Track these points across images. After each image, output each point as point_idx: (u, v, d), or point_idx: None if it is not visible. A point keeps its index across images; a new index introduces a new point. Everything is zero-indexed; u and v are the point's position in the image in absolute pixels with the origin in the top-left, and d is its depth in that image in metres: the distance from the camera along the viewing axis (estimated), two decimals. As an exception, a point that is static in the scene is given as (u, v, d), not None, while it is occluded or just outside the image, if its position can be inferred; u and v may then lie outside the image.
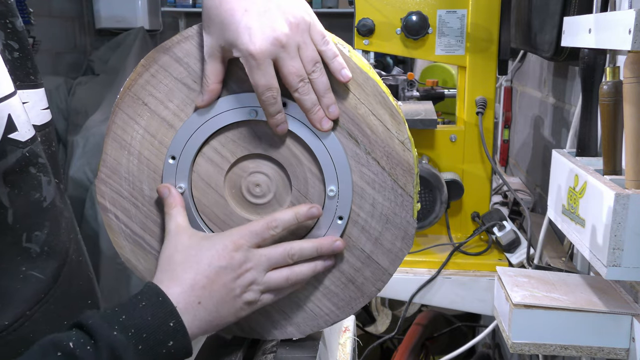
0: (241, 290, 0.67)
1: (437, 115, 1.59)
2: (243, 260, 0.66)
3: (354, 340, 0.93)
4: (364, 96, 0.69)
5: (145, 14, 4.47)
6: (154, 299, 0.62)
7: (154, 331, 0.60)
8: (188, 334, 0.62)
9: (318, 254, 0.71)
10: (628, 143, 0.79)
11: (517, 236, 1.37)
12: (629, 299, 0.92)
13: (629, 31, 0.73)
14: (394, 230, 0.72)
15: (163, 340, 0.60)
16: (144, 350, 0.59)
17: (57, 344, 0.56)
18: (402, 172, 0.71)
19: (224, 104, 0.70)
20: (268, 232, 0.68)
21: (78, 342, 0.56)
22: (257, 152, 0.71)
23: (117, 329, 0.58)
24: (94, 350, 0.56)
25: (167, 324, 0.61)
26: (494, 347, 1.93)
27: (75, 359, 0.55)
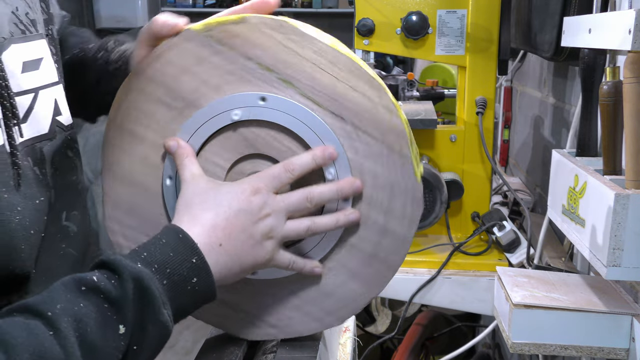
0: (261, 236, 0.65)
1: (437, 115, 1.59)
2: (261, 205, 0.65)
3: (354, 340, 0.93)
4: (338, 72, 0.68)
5: (145, 14, 4.47)
6: (174, 237, 0.60)
7: (177, 267, 0.58)
8: (211, 271, 0.61)
9: (338, 196, 0.68)
10: (628, 143, 0.79)
11: (517, 236, 1.37)
12: (629, 299, 0.92)
13: (629, 31, 0.73)
14: (401, 196, 0.71)
15: (187, 277, 0.59)
16: (169, 286, 0.57)
17: (80, 280, 0.54)
18: (395, 137, 0.70)
19: (202, 115, 0.69)
20: (286, 175, 0.66)
21: (101, 277, 0.54)
22: (250, 153, 0.71)
23: (139, 263, 0.56)
24: (119, 283, 0.54)
25: (189, 260, 0.59)
26: (494, 347, 1.93)
27: (100, 291, 0.53)
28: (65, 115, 0.72)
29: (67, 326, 0.50)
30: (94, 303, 0.53)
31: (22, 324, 0.49)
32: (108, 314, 0.53)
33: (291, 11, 4.47)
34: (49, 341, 0.49)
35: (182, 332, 2.93)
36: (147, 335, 0.55)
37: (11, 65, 0.63)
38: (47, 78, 0.70)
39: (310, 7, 4.52)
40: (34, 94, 0.67)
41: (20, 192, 0.60)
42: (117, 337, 0.53)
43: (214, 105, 0.69)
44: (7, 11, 0.66)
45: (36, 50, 0.68)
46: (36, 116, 0.67)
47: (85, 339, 0.51)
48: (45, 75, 0.69)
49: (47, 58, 0.70)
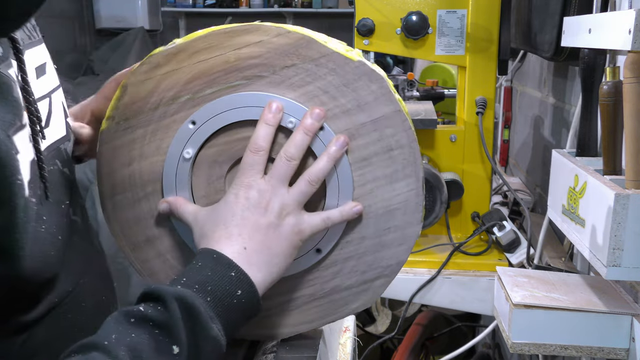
0: (276, 218, 0.65)
1: (437, 115, 1.59)
2: (259, 194, 0.65)
3: (354, 340, 0.93)
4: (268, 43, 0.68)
5: (145, 14, 4.47)
6: (209, 257, 0.61)
7: (218, 282, 0.59)
8: (253, 282, 0.61)
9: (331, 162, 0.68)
10: (628, 143, 0.79)
11: (517, 236, 1.37)
12: (629, 299, 0.92)
13: (629, 31, 0.73)
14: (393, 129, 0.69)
15: (230, 291, 0.59)
16: (214, 302, 0.58)
17: (128, 313, 0.55)
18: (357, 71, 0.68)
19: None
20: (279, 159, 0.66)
21: (147, 307, 0.56)
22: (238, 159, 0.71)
23: (180, 287, 0.58)
24: (164, 307, 0.55)
25: (227, 274, 0.60)
26: (494, 347, 1.93)
27: (149, 319, 0.55)
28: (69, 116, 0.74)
29: (124, 354, 0.51)
30: (145, 331, 0.54)
31: (83, 357, 0.51)
32: (160, 338, 0.54)
33: (291, 11, 4.47)
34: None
35: (182, 332, 2.93)
36: (201, 351, 0.56)
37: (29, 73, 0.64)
38: (53, 82, 0.71)
39: (310, 7, 4.51)
40: (49, 99, 0.68)
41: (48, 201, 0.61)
42: (173, 357, 0.54)
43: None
44: None
45: (41, 55, 0.69)
46: (55, 119, 0.68)
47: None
48: (51, 79, 0.70)
49: (49, 62, 0.71)
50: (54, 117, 0.68)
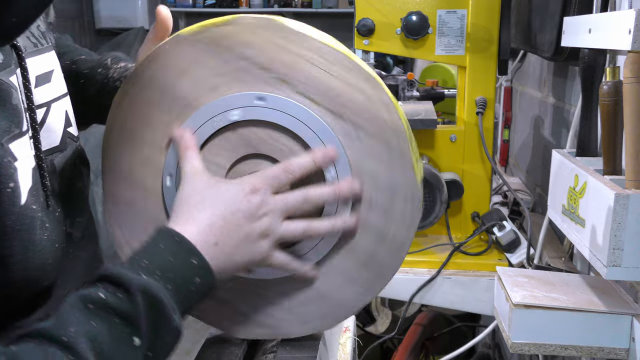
0: (257, 235, 0.65)
1: (437, 115, 1.59)
2: (259, 204, 0.65)
3: (354, 340, 0.93)
4: (334, 69, 0.68)
5: (145, 14, 4.47)
6: (170, 240, 0.60)
7: (179, 270, 0.59)
8: (212, 270, 0.61)
9: (337, 198, 0.68)
10: (628, 143, 0.79)
11: (517, 236, 1.37)
12: (629, 299, 0.92)
13: (629, 31, 0.73)
14: (401, 199, 0.70)
15: (189, 278, 0.59)
16: (174, 290, 0.58)
17: (86, 297, 0.54)
18: (392, 133, 0.69)
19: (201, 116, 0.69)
20: (285, 176, 0.66)
21: (107, 293, 0.54)
22: (249, 153, 0.71)
23: (142, 273, 0.56)
24: (127, 296, 0.54)
25: (189, 261, 0.60)
26: (494, 347, 1.93)
27: (110, 308, 0.53)
28: (74, 126, 0.73)
29: (84, 347, 0.50)
30: (105, 320, 0.53)
31: (40, 351, 0.49)
32: (121, 328, 0.53)
33: (291, 11, 4.47)
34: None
35: (182, 332, 2.93)
36: (162, 342, 0.56)
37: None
38: (58, 90, 0.70)
39: (310, 7, 4.51)
40: (47, 107, 0.67)
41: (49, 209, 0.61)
42: (133, 349, 0.53)
43: (211, 106, 0.69)
44: None
45: (47, 63, 0.69)
46: (48, 129, 0.67)
47: (102, 357, 0.51)
48: (56, 88, 0.70)
49: (57, 70, 0.71)
50: (47, 127, 0.67)
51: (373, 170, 0.70)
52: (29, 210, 0.57)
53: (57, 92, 0.70)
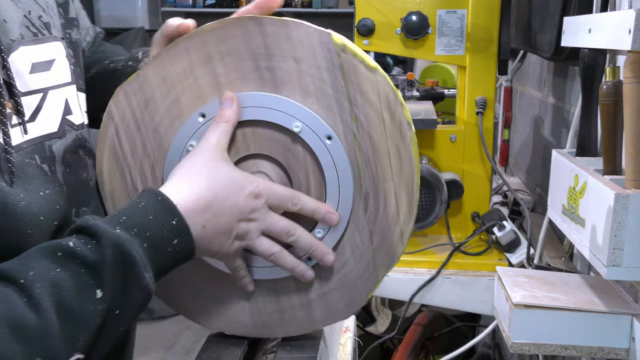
0: (235, 235, 0.66)
1: (437, 115, 1.59)
2: (252, 210, 0.66)
3: (355, 340, 0.93)
4: (398, 174, 0.69)
5: (145, 14, 4.47)
6: (153, 199, 0.60)
7: (157, 229, 0.58)
8: (191, 232, 0.61)
9: (309, 252, 0.70)
10: (628, 143, 0.79)
11: (517, 236, 1.37)
12: (629, 299, 0.92)
13: (629, 31, 0.73)
14: (346, 295, 0.74)
15: (167, 239, 0.59)
16: (150, 249, 0.57)
17: (56, 246, 0.54)
18: (385, 256, 0.72)
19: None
20: (287, 204, 0.68)
21: (78, 242, 0.54)
22: (276, 159, 0.71)
23: (118, 228, 0.56)
24: (96, 248, 0.54)
25: (169, 222, 0.59)
26: (494, 347, 1.93)
27: (76, 256, 0.53)
28: (76, 114, 0.74)
29: (42, 292, 0.50)
30: (70, 268, 0.53)
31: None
32: (84, 279, 0.53)
33: (291, 11, 4.47)
34: (23, 307, 0.49)
35: (182, 332, 2.93)
36: (130, 299, 0.56)
37: (19, 66, 0.65)
38: (58, 79, 0.71)
39: (310, 7, 4.52)
40: (43, 94, 0.68)
41: (16, 185, 0.61)
42: (95, 301, 0.53)
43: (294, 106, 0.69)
44: (19, 14, 0.67)
45: (48, 52, 0.70)
46: (45, 115, 0.68)
47: (61, 304, 0.51)
48: (56, 76, 0.71)
49: (61, 59, 0.72)
50: (44, 113, 0.68)
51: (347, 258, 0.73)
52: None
53: (57, 81, 0.71)
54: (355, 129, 0.69)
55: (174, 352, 2.80)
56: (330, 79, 0.68)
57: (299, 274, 0.71)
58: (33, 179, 0.64)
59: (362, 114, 0.69)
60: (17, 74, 0.64)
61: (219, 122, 0.67)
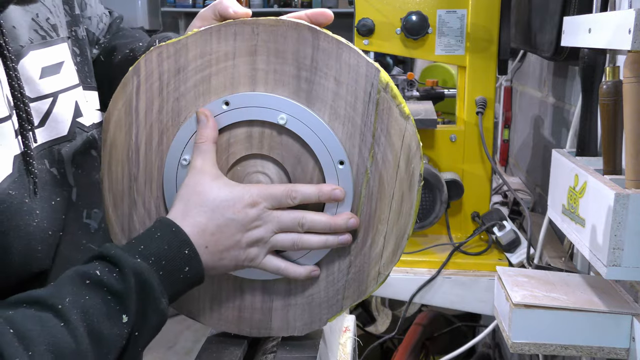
0: (246, 244, 0.68)
1: (437, 115, 1.59)
2: (255, 218, 0.67)
3: (354, 340, 0.93)
4: (394, 221, 0.70)
5: (145, 14, 4.47)
6: (168, 230, 0.64)
7: (172, 258, 0.63)
8: (201, 260, 0.65)
9: (330, 230, 0.70)
10: (628, 143, 0.79)
11: (517, 236, 1.37)
12: (629, 299, 0.92)
13: (629, 31, 0.73)
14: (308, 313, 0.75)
15: (180, 267, 0.63)
16: (165, 276, 0.62)
17: (84, 274, 0.58)
18: (355, 289, 0.73)
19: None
20: (286, 200, 0.68)
21: (103, 270, 0.58)
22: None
23: (137, 257, 0.60)
24: (121, 276, 0.58)
25: (182, 251, 0.63)
26: (494, 347, 1.93)
27: (104, 285, 0.57)
28: (86, 116, 0.74)
29: (77, 318, 0.54)
30: (99, 295, 0.57)
31: (35, 316, 0.53)
32: (112, 305, 0.57)
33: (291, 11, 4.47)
34: (62, 332, 0.53)
35: (182, 332, 2.93)
36: (148, 322, 0.60)
37: (29, 72, 0.65)
38: (67, 81, 0.71)
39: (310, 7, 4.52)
40: (53, 98, 0.68)
41: (37, 197, 0.62)
42: (121, 325, 0.57)
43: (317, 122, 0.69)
44: (27, 18, 0.67)
45: (57, 55, 0.70)
46: (55, 119, 0.68)
47: (93, 329, 0.55)
48: (65, 79, 0.71)
49: (68, 62, 0.72)
50: (54, 117, 0.68)
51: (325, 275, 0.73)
52: (6, 196, 0.59)
53: (66, 83, 0.71)
54: (369, 164, 0.69)
55: (174, 352, 2.80)
56: (362, 111, 0.68)
57: (333, 244, 0.70)
58: (45, 186, 0.65)
59: (380, 153, 0.69)
60: (27, 80, 0.64)
61: (198, 144, 0.69)
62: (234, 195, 0.67)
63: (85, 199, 0.71)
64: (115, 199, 0.73)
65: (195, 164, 0.68)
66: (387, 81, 0.68)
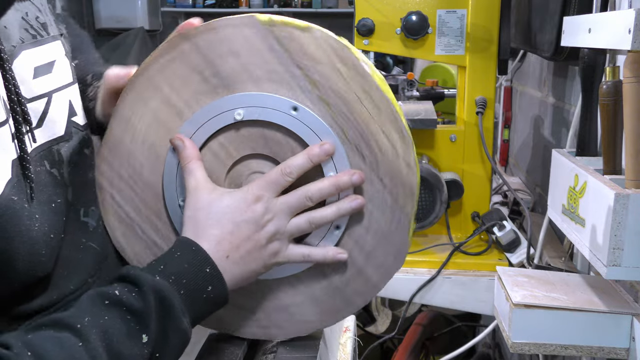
0: (266, 240, 0.67)
1: (437, 115, 1.59)
2: (264, 211, 0.67)
3: (355, 340, 0.93)
4: (377, 113, 0.69)
5: (145, 14, 4.47)
6: (188, 249, 0.64)
7: (193, 277, 0.62)
8: (224, 279, 0.64)
9: (337, 191, 0.69)
10: (628, 143, 0.79)
11: (517, 236, 1.37)
12: (629, 299, 0.92)
13: (629, 31, 0.73)
14: (388, 247, 0.72)
15: (202, 286, 0.62)
16: (186, 295, 0.61)
17: (103, 294, 0.57)
18: (403, 192, 0.71)
19: (233, 101, 0.69)
20: (284, 179, 0.68)
21: (123, 290, 0.58)
22: (263, 153, 0.71)
23: (157, 276, 0.60)
24: (140, 296, 0.57)
25: (203, 270, 0.63)
26: (494, 347, 1.93)
27: (123, 304, 0.57)
28: (80, 115, 0.74)
29: (96, 337, 0.53)
30: (118, 315, 0.56)
31: (53, 337, 0.52)
32: (131, 325, 0.56)
33: (291, 11, 4.47)
34: (80, 352, 0.52)
35: (182, 332, 2.93)
36: (169, 342, 0.59)
37: (22, 72, 0.64)
38: (60, 80, 0.71)
39: (310, 7, 4.52)
40: (47, 98, 0.68)
41: (35, 201, 0.62)
42: (141, 345, 0.56)
43: (247, 96, 0.69)
44: (18, 17, 0.66)
45: (48, 54, 0.69)
46: (51, 119, 0.68)
47: (112, 349, 0.54)
48: (58, 78, 0.70)
49: (60, 59, 0.71)
50: (51, 117, 0.67)
51: (372, 213, 0.72)
52: (9, 202, 0.57)
53: (59, 82, 0.70)
54: (317, 90, 0.68)
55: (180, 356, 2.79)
56: (273, 56, 0.68)
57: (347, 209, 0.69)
58: (45, 188, 0.64)
59: (316, 74, 0.68)
60: (21, 81, 0.63)
61: (185, 165, 0.69)
62: (236, 199, 0.67)
63: (81, 198, 0.70)
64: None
65: (189, 185, 0.68)
66: (267, 18, 0.68)
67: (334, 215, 0.69)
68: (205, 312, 0.64)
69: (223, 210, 0.66)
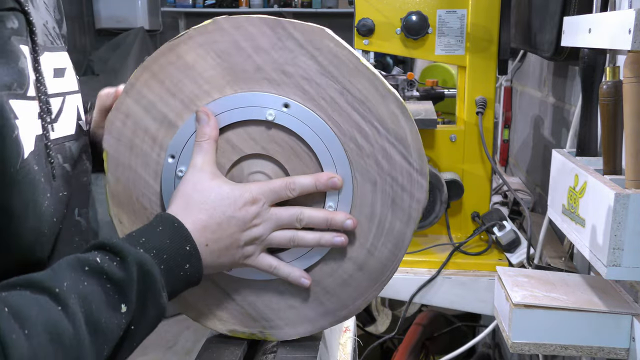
0: (245, 242, 0.68)
1: (437, 115, 1.59)
2: (255, 215, 0.68)
3: (355, 340, 0.93)
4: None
5: (145, 14, 4.47)
6: (170, 225, 0.64)
7: (173, 253, 0.62)
8: (201, 259, 0.65)
9: (327, 226, 0.70)
10: (628, 143, 0.79)
11: (517, 236, 1.37)
12: (629, 299, 0.92)
13: (629, 31, 0.73)
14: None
15: (180, 263, 0.63)
16: (165, 271, 0.61)
17: (82, 260, 0.57)
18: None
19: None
20: (285, 192, 0.69)
21: (104, 258, 0.57)
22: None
23: (139, 248, 0.60)
24: (122, 265, 0.57)
25: (183, 247, 0.63)
26: (494, 347, 1.93)
27: (104, 272, 0.56)
28: (83, 121, 0.76)
29: (75, 302, 0.53)
30: (98, 283, 0.56)
31: (32, 298, 0.52)
32: (110, 294, 0.56)
33: (291, 11, 4.47)
34: (59, 315, 0.51)
35: (182, 332, 2.93)
36: (147, 315, 0.59)
37: (45, 70, 0.66)
38: (70, 86, 0.73)
39: (310, 7, 4.52)
40: (63, 98, 0.70)
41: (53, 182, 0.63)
42: (119, 315, 0.56)
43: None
44: (40, 23, 0.68)
45: (62, 60, 0.72)
46: (65, 118, 0.70)
47: (90, 316, 0.54)
48: (69, 83, 0.72)
49: (70, 68, 0.74)
50: (64, 116, 0.70)
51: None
52: (31, 168, 0.59)
53: (69, 87, 0.72)
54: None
55: (174, 352, 2.80)
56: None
57: (327, 242, 0.71)
58: (58, 178, 0.65)
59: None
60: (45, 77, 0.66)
61: (200, 142, 0.69)
62: (235, 193, 0.67)
63: (77, 197, 0.72)
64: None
65: (195, 161, 0.69)
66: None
67: (314, 242, 0.71)
68: (179, 289, 0.64)
69: (219, 201, 0.67)
